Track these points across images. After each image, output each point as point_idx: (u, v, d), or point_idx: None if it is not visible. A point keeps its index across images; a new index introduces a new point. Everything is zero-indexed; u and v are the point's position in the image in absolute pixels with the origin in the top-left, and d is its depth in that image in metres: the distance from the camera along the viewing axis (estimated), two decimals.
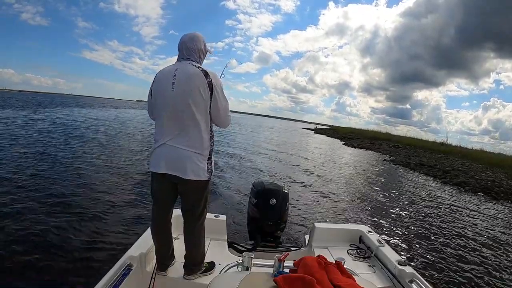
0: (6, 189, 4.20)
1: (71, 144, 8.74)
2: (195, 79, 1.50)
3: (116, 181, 5.31)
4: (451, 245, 4.35)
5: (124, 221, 3.62)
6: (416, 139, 28.94)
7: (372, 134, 33.07)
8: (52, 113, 19.28)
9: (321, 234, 2.32)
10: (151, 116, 1.71)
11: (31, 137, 8.86)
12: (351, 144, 23.25)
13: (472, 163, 15.33)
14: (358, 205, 6.02)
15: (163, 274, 1.71)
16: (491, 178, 10.92)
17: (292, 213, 4.55)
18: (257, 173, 8.04)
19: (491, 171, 12.97)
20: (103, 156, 7.47)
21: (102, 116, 22.48)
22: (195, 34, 1.63)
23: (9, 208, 3.57)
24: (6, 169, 5.18)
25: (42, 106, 28.26)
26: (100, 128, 14.14)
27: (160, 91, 1.56)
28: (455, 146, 23.45)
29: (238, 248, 2.24)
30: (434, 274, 3.33)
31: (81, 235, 3.15)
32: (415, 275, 1.73)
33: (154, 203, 1.68)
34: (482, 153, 19.90)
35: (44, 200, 3.96)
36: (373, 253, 2.12)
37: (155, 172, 1.58)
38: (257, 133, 27.79)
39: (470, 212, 6.58)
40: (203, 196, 1.65)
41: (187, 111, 1.50)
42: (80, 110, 26.93)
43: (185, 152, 1.51)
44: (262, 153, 12.31)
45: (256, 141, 18.67)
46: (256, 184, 2.55)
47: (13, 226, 3.14)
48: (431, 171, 11.98)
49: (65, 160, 6.55)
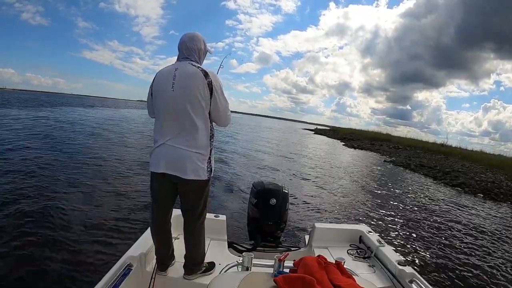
0: (6, 189, 4.20)
1: (77, 142, 8.85)
2: (194, 79, 1.50)
3: (116, 181, 5.31)
4: (450, 245, 4.35)
5: (124, 221, 3.62)
6: (416, 140, 28.93)
7: (373, 135, 33.02)
8: (62, 112, 19.55)
9: (321, 234, 2.32)
10: (151, 115, 1.71)
11: (40, 135, 8.88)
12: (351, 145, 23.27)
13: (472, 165, 15.30)
14: (358, 205, 6.02)
15: (163, 274, 1.71)
16: (491, 179, 10.92)
17: (292, 213, 4.55)
18: (257, 173, 8.04)
19: (491, 173, 12.95)
20: (105, 155, 7.51)
21: (106, 116, 22.51)
22: (195, 34, 1.63)
23: (9, 207, 3.57)
24: (14, 166, 5.18)
25: (48, 105, 28.45)
26: (106, 127, 14.25)
27: (160, 91, 1.56)
28: (455, 147, 23.40)
29: (238, 248, 2.24)
30: (434, 274, 3.33)
31: (81, 235, 3.15)
32: (415, 275, 1.73)
33: (153, 203, 1.67)
34: (482, 155, 19.83)
35: (44, 199, 3.96)
36: (373, 253, 2.12)
37: (155, 172, 1.58)
38: (257, 133, 27.82)
39: (469, 212, 6.58)
40: (203, 195, 1.65)
41: (187, 111, 1.49)
42: (86, 110, 27.09)
43: (185, 152, 1.51)
44: (263, 154, 12.33)
45: (257, 141, 18.69)
46: (256, 184, 2.55)
47: (13, 225, 3.14)
48: (431, 172, 11.97)
49: (68, 158, 6.57)
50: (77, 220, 3.47)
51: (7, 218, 3.31)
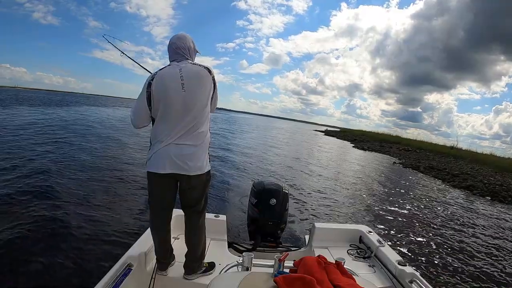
0: (7, 189, 4.20)
1: (80, 141, 8.85)
2: (203, 78, 1.56)
3: (116, 181, 5.30)
4: (452, 245, 4.35)
5: (124, 221, 3.61)
6: (426, 142, 28.82)
7: (383, 137, 33.03)
8: (77, 112, 19.55)
9: (321, 234, 2.32)
10: (143, 121, 1.61)
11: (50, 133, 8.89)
12: (361, 146, 23.25)
13: (481, 167, 15.23)
14: (361, 205, 6.01)
15: (163, 274, 1.71)
16: (499, 182, 10.92)
17: (292, 213, 4.55)
18: (258, 173, 8.03)
19: (500, 176, 12.93)
20: (108, 154, 7.56)
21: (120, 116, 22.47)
22: (183, 34, 1.67)
23: (8, 206, 3.57)
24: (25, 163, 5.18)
25: (63, 104, 28.63)
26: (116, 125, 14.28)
27: (167, 92, 1.51)
28: (465, 150, 23.29)
29: (238, 248, 2.24)
30: (434, 274, 3.33)
31: (81, 235, 3.15)
32: (415, 275, 1.73)
33: (154, 203, 1.67)
34: (491, 157, 19.68)
35: (44, 198, 3.95)
36: (373, 253, 2.12)
37: (156, 173, 1.56)
38: (267, 134, 27.88)
39: (475, 214, 6.58)
40: (206, 189, 1.69)
41: (197, 109, 1.54)
42: (104, 109, 27.08)
43: (192, 148, 1.55)
44: (270, 154, 12.28)
45: (266, 141, 18.71)
46: (256, 184, 2.55)
47: (12, 225, 3.14)
48: (440, 175, 11.99)
49: (72, 157, 6.61)
50: (76, 220, 3.47)
51: (7, 217, 3.31)
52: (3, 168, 5.19)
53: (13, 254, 2.63)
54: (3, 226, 3.10)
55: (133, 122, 1.63)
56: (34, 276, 2.39)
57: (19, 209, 3.55)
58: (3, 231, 3.00)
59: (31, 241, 2.89)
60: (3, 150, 6.55)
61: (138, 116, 1.60)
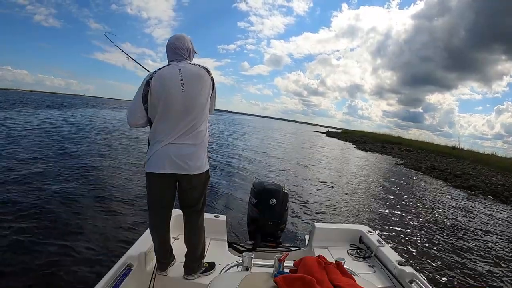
0: (7, 188, 4.20)
1: (80, 142, 8.89)
2: (202, 78, 1.58)
3: (116, 181, 5.31)
4: (452, 245, 4.35)
5: (124, 221, 3.62)
6: (427, 143, 28.65)
7: (384, 137, 32.82)
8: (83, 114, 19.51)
9: (321, 234, 2.32)
10: (139, 121, 1.59)
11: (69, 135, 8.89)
12: (362, 147, 23.20)
13: (483, 168, 15.22)
14: (362, 206, 6.01)
15: (163, 274, 1.71)
16: (501, 182, 10.93)
17: (292, 213, 4.56)
18: (259, 173, 8.03)
19: (502, 176, 12.93)
20: (109, 154, 7.57)
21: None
22: (181, 34, 1.68)
23: (8, 206, 3.57)
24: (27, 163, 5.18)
25: (69, 107, 28.67)
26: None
27: (167, 92, 1.51)
28: (467, 150, 23.18)
29: (238, 248, 2.24)
30: (434, 274, 3.33)
31: (81, 235, 3.15)
32: (415, 275, 1.73)
33: (153, 201, 1.67)
34: (493, 158, 19.64)
35: (43, 198, 3.96)
36: (373, 253, 2.12)
37: (155, 173, 1.56)
38: (268, 135, 27.84)
39: (475, 213, 6.58)
40: (205, 188, 1.70)
41: (197, 109, 1.56)
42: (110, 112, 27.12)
43: (192, 147, 1.56)
44: (270, 156, 12.21)
45: (266, 142, 18.71)
46: (256, 184, 2.55)
47: (12, 225, 3.14)
48: (442, 175, 11.95)
49: (72, 158, 6.61)
50: (76, 220, 3.47)
51: (7, 216, 3.32)
52: (3, 168, 5.20)
53: (13, 254, 2.63)
54: (3, 226, 3.11)
55: (128, 120, 1.63)
56: (34, 276, 2.39)
57: (19, 209, 3.55)
58: (3, 231, 3.01)
59: (31, 241, 2.89)
60: (4, 150, 6.56)
61: (133, 115, 1.59)
